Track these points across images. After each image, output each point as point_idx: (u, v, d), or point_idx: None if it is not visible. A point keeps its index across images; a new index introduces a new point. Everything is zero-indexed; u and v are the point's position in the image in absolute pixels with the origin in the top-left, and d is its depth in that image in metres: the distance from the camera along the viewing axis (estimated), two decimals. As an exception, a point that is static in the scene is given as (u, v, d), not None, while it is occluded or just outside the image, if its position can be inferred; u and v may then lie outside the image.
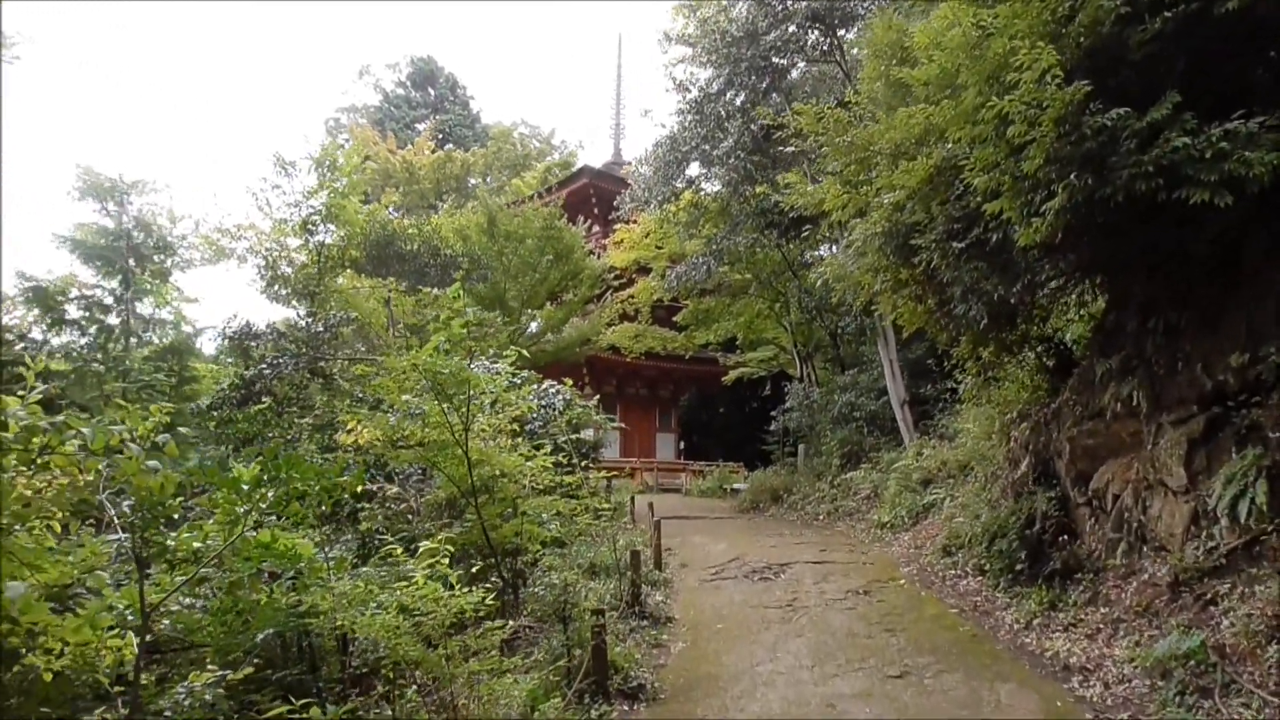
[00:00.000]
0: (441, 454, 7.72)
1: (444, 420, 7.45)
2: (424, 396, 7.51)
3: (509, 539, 7.89)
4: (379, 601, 4.76)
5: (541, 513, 8.62)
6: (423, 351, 7.26)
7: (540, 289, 22.82)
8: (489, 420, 8.38)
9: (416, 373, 7.29)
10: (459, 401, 7.50)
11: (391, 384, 7.57)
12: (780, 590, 9.78)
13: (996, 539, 9.20)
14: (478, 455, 7.69)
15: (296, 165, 18.00)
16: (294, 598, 4.91)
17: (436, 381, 7.22)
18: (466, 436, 7.53)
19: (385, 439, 7.78)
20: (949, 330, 9.48)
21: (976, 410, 13.01)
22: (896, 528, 13.32)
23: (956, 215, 8.03)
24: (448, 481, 8.01)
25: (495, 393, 8.00)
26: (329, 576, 5.03)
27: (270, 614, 4.84)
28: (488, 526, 7.65)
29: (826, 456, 19.14)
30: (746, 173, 18.25)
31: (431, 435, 7.65)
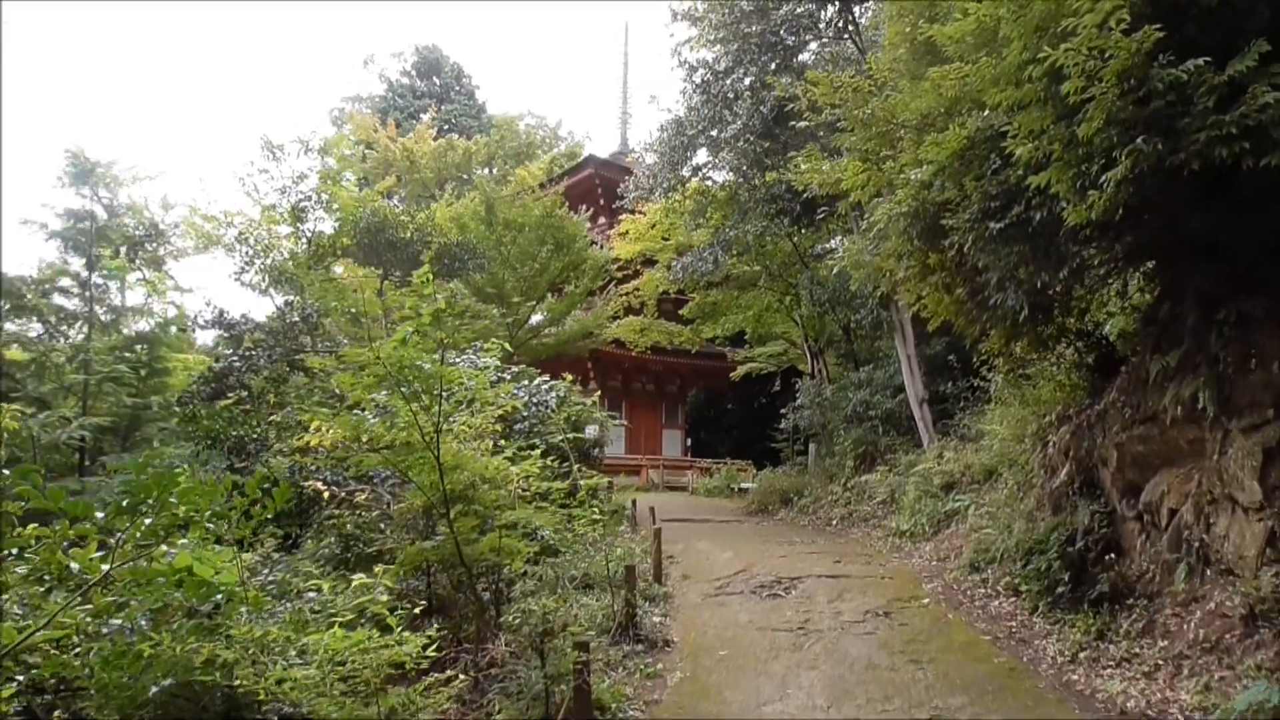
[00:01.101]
0: (411, 458, 6.81)
1: (413, 421, 6.55)
2: (392, 394, 6.60)
3: (485, 555, 6.97)
4: (302, 648, 3.85)
5: (528, 523, 7.68)
6: (387, 344, 6.36)
7: (540, 280, 21.89)
8: (467, 421, 7.47)
9: (380, 367, 6.38)
10: (430, 400, 6.59)
11: (351, 379, 6.65)
12: (791, 609, 8.85)
13: (1033, 555, 8.26)
14: (451, 460, 6.77)
15: (285, 149, 17.16)
16: (192, 642, 4.00)
17: (401, 377, 6.31)
18: (438, 439, 6.62)
19: (349, 441, 6.88)
20: (980, 323, 8.52)
21: (1005, 411, 12.05)
22: (916, 537, 12.37)
23: (994, 192, 7.07)
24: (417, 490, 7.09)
25: (473, 390, 7.08)
26: (244, 614, 4.12)
27: (167, 663, 3.94)
28: (462, 541, 6.75)
29: (839, 457, 18.19)
30: (755, 157, 17.27)
31: (401, 437, 6.75)
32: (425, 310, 6.39)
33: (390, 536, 8.08)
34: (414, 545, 6.93)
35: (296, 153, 16.89)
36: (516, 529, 7.65)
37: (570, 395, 14.07)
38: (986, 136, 7.31)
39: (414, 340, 6.52)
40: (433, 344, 6.54)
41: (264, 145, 16.85)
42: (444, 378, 6.66)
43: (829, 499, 17.32)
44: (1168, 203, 6.12)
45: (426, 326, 6.49)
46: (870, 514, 15.20)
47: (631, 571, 8.13)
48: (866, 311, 17.58)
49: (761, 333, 26.38)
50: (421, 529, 7.82)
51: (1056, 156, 6.09)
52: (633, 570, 8.19)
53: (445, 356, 6.63)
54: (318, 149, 16.80)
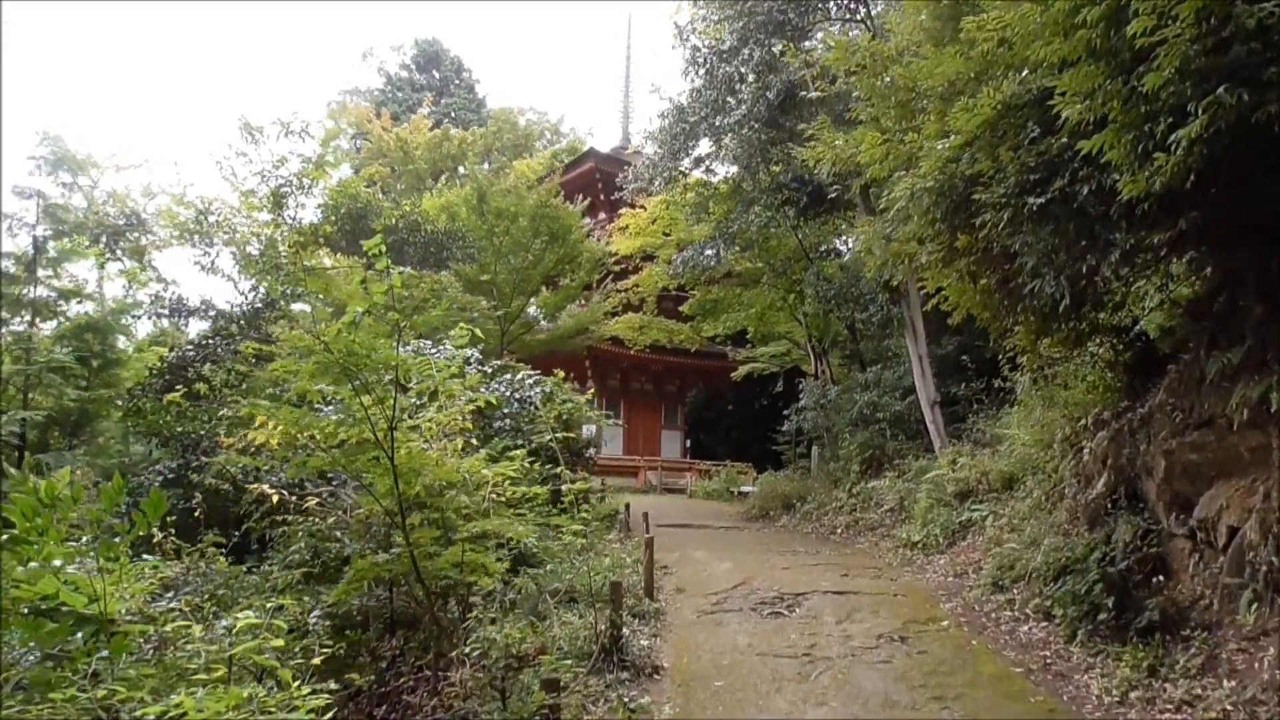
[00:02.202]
0: (363, 459, 5.94)
1: (364, 416, 5.68)
2: (340, 385, 5.73)
3: (446, 571, 6.09)
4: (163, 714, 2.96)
5: (499, 533, 6.79)
6: (332, 327, 5.49)
7: (534, 272, 20.98)
8: (432, 417, 6.60)
9: (325, 354, 5.51)
10: (382, 392, 5.72)
11: (286, 368, 5.77)
12: (795, 631, 7.97)
13: (1067, 575, 7.38)
14: (407, 461, 5.90)
15: (264, 131, 16.26)
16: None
17: (346, 365, 5.43)
18: (392, 437, 5.75)
19: (291, 439, 6.00)
20: (1011, 316, 7.66)
21: (1027, 414, 11.18)
22: (929, 548, 11.49)
23: (1032, 163, 6.20)
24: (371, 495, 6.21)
25: (434, 381, 6.21)
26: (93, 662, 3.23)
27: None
28: (421, 555, 5.88)
29: (845, 461, 17.30)
30: (760, 145, 16.38)
31: (352, 434, 5.87)
32: (376, 288, 5.52)
33: (349, 545, 7.22)
34: (365, 559, 6.05)
35: (276, 135, 15.98)
36: (488, 540, 6.78)
37: (559, 391, 13.21)
38: (1024, 101, 6.46)
39: (366, 323, 5.67)
40: (386, 328, 5.68)
41: (242, 127, 15.97)
42: (400, 367, 5.80)
43: (834, 505, 16.45)
44: (1243, 171, 5.25)
45: (379, 307, 5.63)
46: (878, 522, 14.32)
47: (617, 589, 7.24)
48: (875, 308, 16.70)
49: (764, 332, 25.53)
50: (382, 538, 6.95)
51: (1113, 116, 5.23)
52: (618, 587, 7.30)
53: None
54: (299, 132, 15.85)
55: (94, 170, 22.35)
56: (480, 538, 6.38)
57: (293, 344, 5.75)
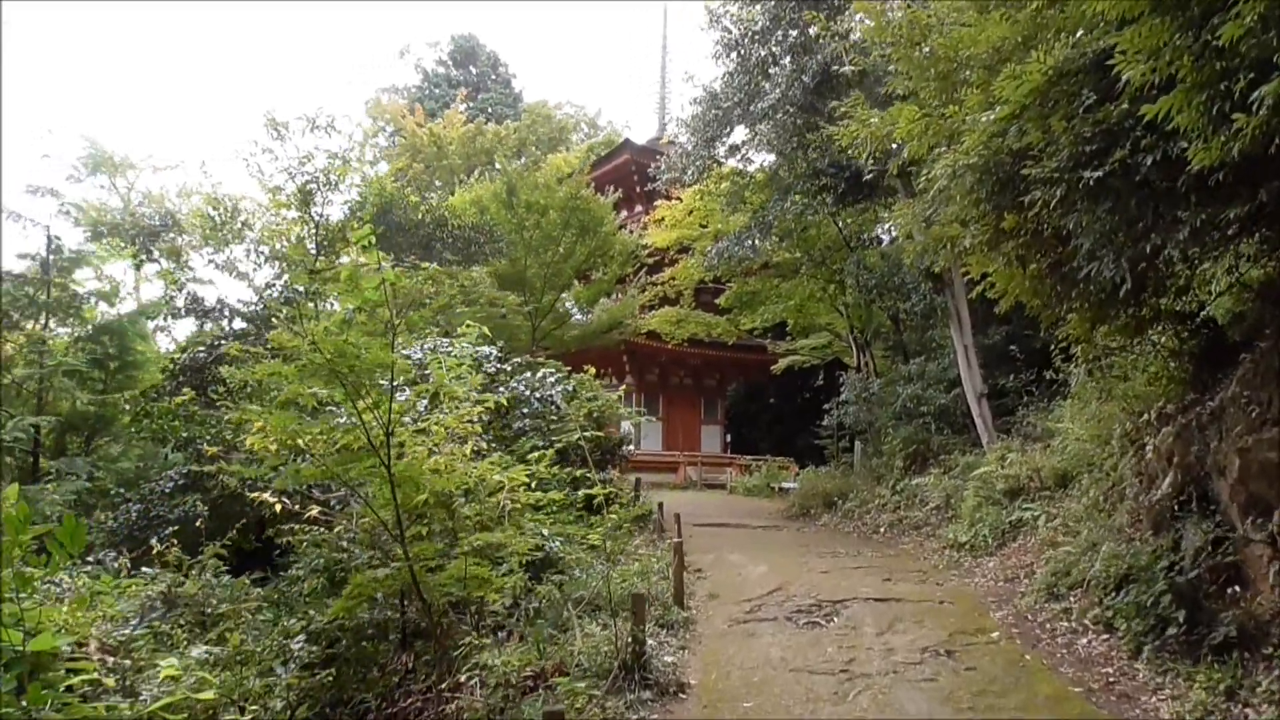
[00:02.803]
0: (361, 467, 5.54)
1: (358, 421, 5.28)
2: (332, 388, 5.33)
3: (447, 586, 5.67)
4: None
5: (506, 544, 6.35)
6: (318, 324, 5.10)
7: (565, 266, 20.57)
8: (437, 420, 6.19)
9: (317, 354, 5.11)
10: (377, 396, 5.32)
11: (271, 370, 5.38)
12: (832, 643, 7.44)
13: (1130, 584, 6.78)
14: (406, 469, 5.49)
15: (289, 127, 16.04)
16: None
17: (336, 367, 5.03)
18: (389, 443, 5.34)
19: (282, 445, 5.62)
20: (1064, 303, 7.04)
21: (1081, 408, 10.52)
22: (977, 550, 10.87)
23: (1088, 133, 5.61)
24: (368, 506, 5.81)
25: (434, 383, 5.80)
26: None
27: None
28: (423, 569, 5.47)
29: (888, 457, 16.67)
30: (796, 130, 15.77)
31: (346, 441, 5.48)
32: (368, 283, 5.12)
33: (357, 555, 6.85)
34: (363, 573, 5.65)
35: (302, 131, 15.74)
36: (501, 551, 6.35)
37: (586, 389, 12.78)
38: (1078, 66, 5.86)
39: (359, 321, 5.27)
40: (380, 325, 5.27)
41: (268, 123, 15.75)
42: (396, 368, 5.39)
43: (876, 503, 15.83)
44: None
45: (373, 300, 5.22)
46: (922, 521, 13.69)
47: (639, 601, 6.76)
48: (918, 298, 16.02)
49: (804, 324, 24.92)
50: (389, 549, 6.56)
51: (1182, 76, 4.63)
52: (641, 600, 6.82)
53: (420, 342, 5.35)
54: (325, 127, 15.59)
55: (130, 172, 22.41)
56: (487, 549, 5.94)
57: (279, 344, 5.35)
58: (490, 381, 9.70)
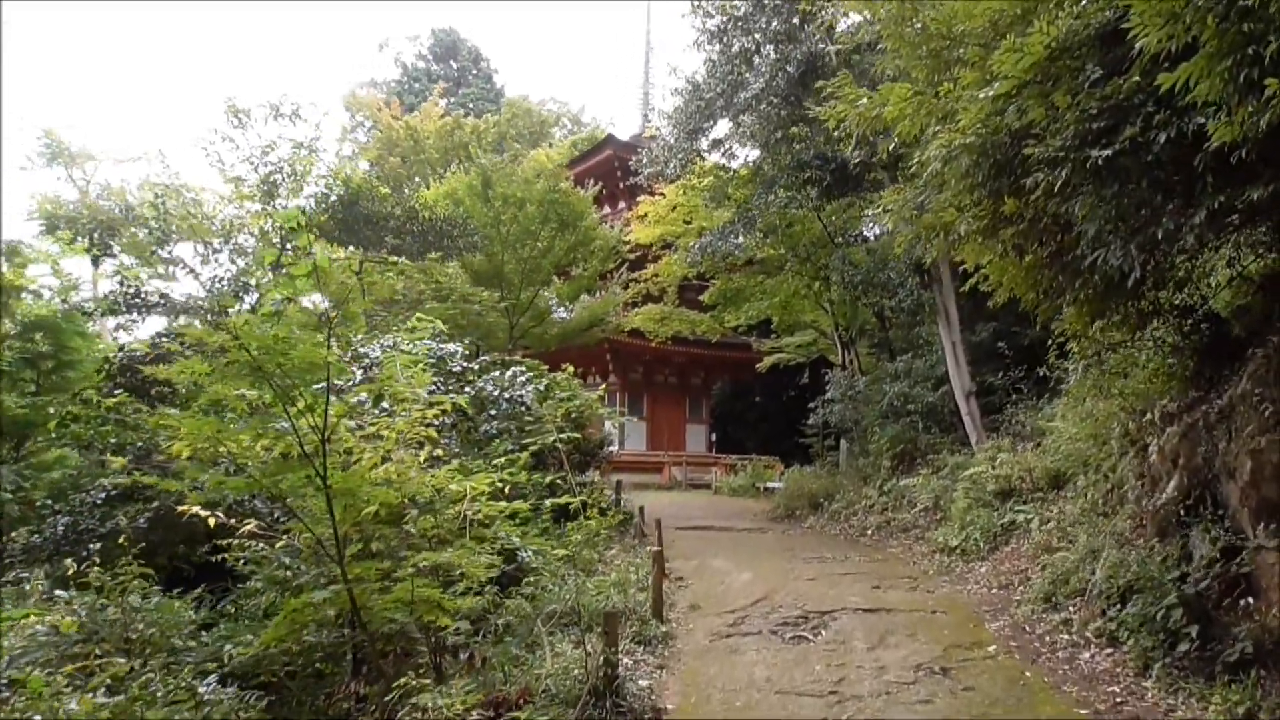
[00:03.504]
0: (293, 479, 5.01)
1: (291, 426, 4.76)
2: (260, 388, 4.80)
3: (390, 611, 5.14)
4: None
5: (454, 564, 5.80)
6: (240, 316, 4.58)
7: (544, 262, 20.00)
8: (384, 423, 5.67)
9: (240, 351, 4.57)
10: (311, 398, 4.80)
11: (191, 366, 4.81)
12: (820, 660, 6.97)
13: (1135, 594, 6.35)
14: (345, 481, 4.97)
15: (251, 115, 15.45)
16: None
17: (260, 364, 4.50)
18: (324, 451, 4.82)
19: (203, 455, 5.07)
20: (1066, 294, 6.58)
21: (1075, 406, 10.11)
22: (969, 555, 10.45)
23: (1095, 109, 5.15)
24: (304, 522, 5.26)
25: (378, 384, 5.28)
26: None
27: None
28: (363, 593, 4.95)
29: (875, 457, 16.25)
30: (780, 122, 15.32)
31: (276, 448, 4.96)
32: (297, 270, 4.59)
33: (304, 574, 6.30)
34: (299, 597, 5.13)
35: (264, 119, 15.15)
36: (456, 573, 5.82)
37: (561, 388, 12.29)
38: (1082, 38, 5.42)
39: (293, 313, 4.76)
40: (314, 319, 4.75)
41: (228, 110, 15.14)
42: (334, 368, 4.87)
43: (863, 504, 15.41)
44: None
45: (301, 291, 4.70)
46: (911, 524, 13.28)
47: (613, 620, 6.27)
48: (905, 293, 15.60)
49: (789, 321, 24.52)
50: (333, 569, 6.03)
51: (1205, 39, 4.18)
52: (615, 619, 6.33)
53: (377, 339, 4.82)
54: (289, 115, 14.99)
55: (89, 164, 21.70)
56: (440, 569, 5.41)
57: (194, 338, 4.80)
58: (456, 381, 9.20)
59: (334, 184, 14.74)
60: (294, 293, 4.70)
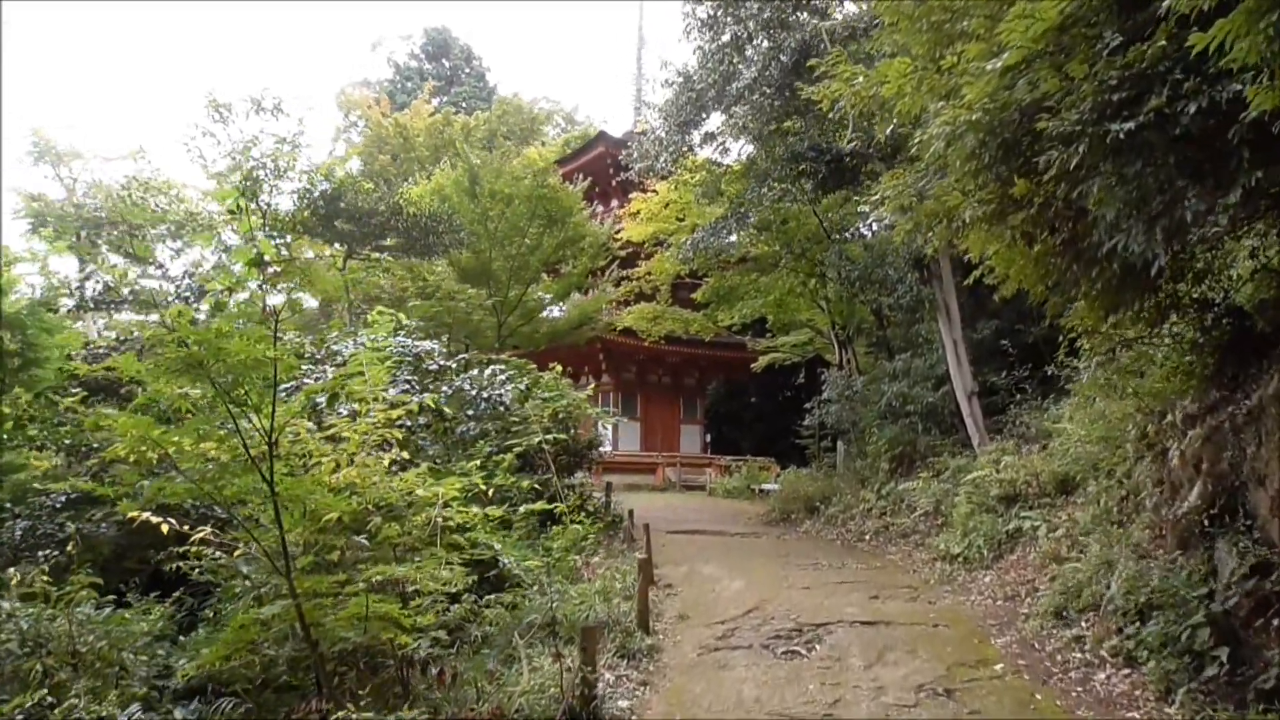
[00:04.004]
0: (239, 485, 4.53)
1: (235, 427, 4.28)
2: (201, 387, 4.31)
3: (343, 629, 4.64)
4: None
5: (408, 579, 5.30)
6: (174, 307, 4.10)
7: (532, 259, 19.48)
8: (346, 426, 5.19)
9: (178, 347, 4.09)
10: (257, 397, 4.32)
11: (125, 363, 4.32)
12: (814, 678, 6.50)
13: (1155, 610, 5.88)
14: (294, 487, 4.49)
15: (233, 109, 14.96)
16: None
17: (199, 360, 4.02)
18: (271, 455, 4.34)
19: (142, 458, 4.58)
20: (1078, 286, 6.12)
21: (1084, 406, 9.65)
22: (971, 563, 9.98)
23: (1115, 79, 4.68)
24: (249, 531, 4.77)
25: (331, 382, 4.80)
26: None
27: None
28: (312, 610, 4.47)
29: (872, 459, 15.78)
30: (774, 112, 14.85)
31: (219, 451, 4.47)
32: (242, 255, 4.11)
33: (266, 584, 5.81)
34: (246, 613, 4.64)
35: (246, 113, 14.66)
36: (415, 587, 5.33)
37: (548, 387, 11.81)
38: (1100, 3, 4.93)
39: (240, 305, 4.28)
40: (256, 310, 4.28)
41: (209, 104, 14.66)
42: (284, 364, 4.39)
43: (861, 508, 14.94)
44: None
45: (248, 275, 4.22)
46: (910, 529, 12.81)
47: (591, 636, 5.80)
48: (904, 289, 15.12)
49: (784, 320, 24.05)
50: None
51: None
52: (593, 634, 5.86)
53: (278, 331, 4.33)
54: (271, 109, 14.51)
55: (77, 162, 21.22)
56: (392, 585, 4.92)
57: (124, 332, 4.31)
58: (434, 380, 8.73)
59: (316, 179, 14.26)
60: (237, 284, 4.18)
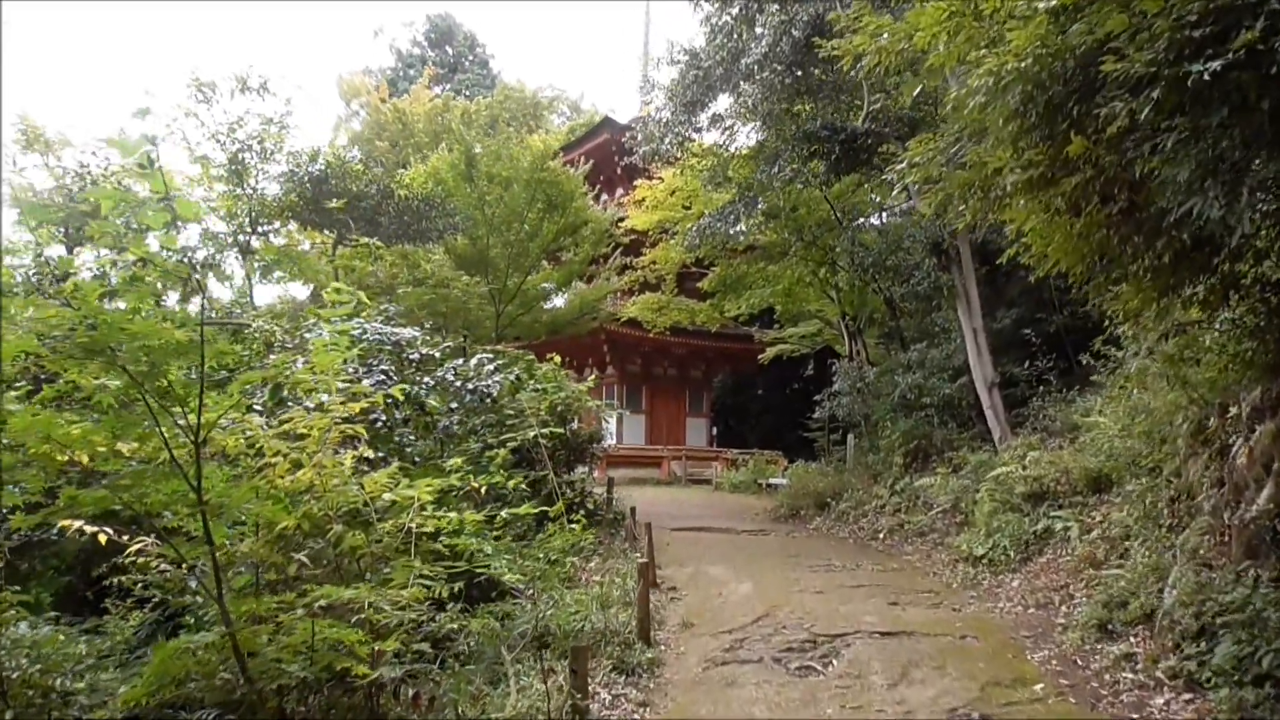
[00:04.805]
0: (164, 490, 3.87)
1: (155, 423, 3.62)
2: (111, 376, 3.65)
3: (284, 660, 3.97)
4: None
5: (358, 601, 4.58)
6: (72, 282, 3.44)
7: (531, 246, 18.76)
8: (297, 419, 4.53)
9: (83, 331, 3.44)
10: (182, 389, 3.65)
11: (24, 343, 3.63)
12: (832, 700, 5.83)
13: (1224, 630, 5.19)
14: (224, 494, 3.83)
15: (217, 88, 14.30)
16: None
17: (103, 343, 3.36)
18: (198, 456, 3.68)
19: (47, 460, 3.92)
20: (1135, 260, 5.41)
21: (1123, 399, 8.95)
22: (997, 566, 9.32)
23: (1195, 14, 3.99)
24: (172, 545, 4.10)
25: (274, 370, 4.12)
26: None
27: None
28: (248, 637, 3.81)
29: (885, 453, 15.12)
30: (784, 90, 14.17)
31: (140, 455, 3.82)
32: (148, 218, 3.44)
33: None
34: (172, 643, 3.97)
35: (231, 92, 13.99)
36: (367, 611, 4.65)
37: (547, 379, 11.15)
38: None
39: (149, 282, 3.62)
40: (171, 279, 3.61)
41: (192, 83, 14.00)
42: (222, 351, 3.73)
43: (874, 504, 14.29)
44: None
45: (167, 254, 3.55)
46: (928, 527, 12.14)
47: (582, 657, 5.13)
48: (921, 275, 14.41)
49: (793, 310, 23.44)
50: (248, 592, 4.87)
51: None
52: (584, 654, 5.19)
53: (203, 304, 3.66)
54: (257, 89, 13.85)
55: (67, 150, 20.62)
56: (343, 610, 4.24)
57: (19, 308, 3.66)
58: (416, 371, 8.07)
59: (303, 160, 13.60)
60: (146, 253, 3.50)
